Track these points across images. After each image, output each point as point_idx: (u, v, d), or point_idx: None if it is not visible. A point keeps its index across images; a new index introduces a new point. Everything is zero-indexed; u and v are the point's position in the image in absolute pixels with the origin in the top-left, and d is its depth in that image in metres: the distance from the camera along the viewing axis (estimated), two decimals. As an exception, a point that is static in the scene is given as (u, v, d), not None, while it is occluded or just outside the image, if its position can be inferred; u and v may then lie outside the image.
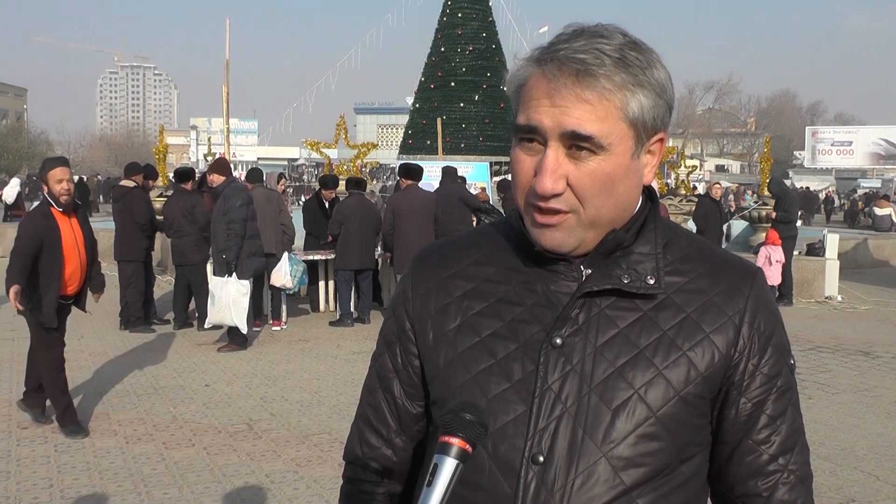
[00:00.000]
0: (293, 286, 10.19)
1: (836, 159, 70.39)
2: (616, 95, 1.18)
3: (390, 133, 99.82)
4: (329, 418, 6.61)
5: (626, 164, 1.21)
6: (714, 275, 1.30)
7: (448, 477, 1.08)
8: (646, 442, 1.21)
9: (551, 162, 1.18)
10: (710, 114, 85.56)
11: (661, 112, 1.23)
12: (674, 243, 1.32)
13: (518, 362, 1.26)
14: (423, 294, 1.39)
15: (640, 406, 1.22)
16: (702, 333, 1.26)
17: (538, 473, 1.21)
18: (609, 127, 1.18)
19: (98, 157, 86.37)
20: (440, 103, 26.33)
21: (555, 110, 1.17)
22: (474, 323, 1.32)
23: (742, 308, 1.28)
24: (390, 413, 1.43)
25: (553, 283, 1.29)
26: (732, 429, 1.30)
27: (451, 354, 1.32)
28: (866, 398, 7.48)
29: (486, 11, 28.17)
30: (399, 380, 1.42)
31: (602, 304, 1.27)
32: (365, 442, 1.46)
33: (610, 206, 1.22)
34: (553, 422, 1.22)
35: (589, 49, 1.17)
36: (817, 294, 13.45)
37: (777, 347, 1.30)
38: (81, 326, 10.30)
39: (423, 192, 10.44)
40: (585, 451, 1.21)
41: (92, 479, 5.22)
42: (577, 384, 1.23)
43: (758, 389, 1.28)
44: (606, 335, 1.25)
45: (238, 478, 5.31)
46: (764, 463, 1.29)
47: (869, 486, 5.33)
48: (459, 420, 1.12)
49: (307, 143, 21.28)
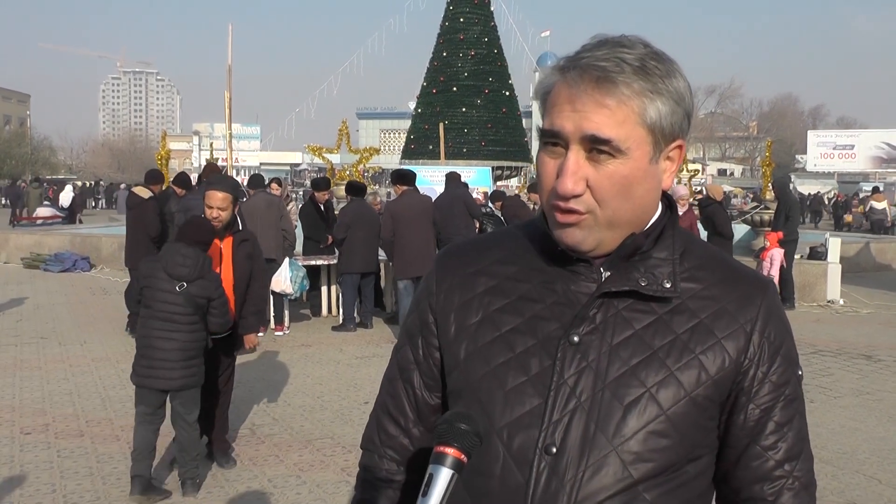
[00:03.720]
0: (294, 292, 10.19)
1: (838, 163, 70.34)
2: (634, 101, 1.22)
3: (393, 138, 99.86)
4: (331, 423, 6.62)
5: (644, 167, 1.26)
6: (728, 283, 1.34)
7: (443, 487, 1.10)
8: (655, 438, 1.25)
9: (571, 164, 1.23)
10: (713, 118, 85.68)
11: (679, 119, 1.28)
12: (690, 252, 1.37)
13: (536, 357, 1.31)
14: (446, 289, 1.44)
15: (651, 404, 1.26)
16: (714, 339, 1.30)
17: (550, 463, 1.25)
18: (627, 131, 1.22)
19: (101, 163, 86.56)
20: (442, 108, 26.38)
21: (575, 115, 1.22)
22: (495, 318, 1.36)
23: (754, 317, 1.32)
24: (409, 403, 1.49)
25: (573, 284, 1.33)
26: (740, 433, 1.33)
27: (472, 347, 1.36)
28: (868, 402, 7.48)
29: (488, 16, 28.24)
30: (419, 371, 1.47)
31: (619, 306, 1.31)
32: (383, 430, 1.51)
33: (628, 207, 1.27)
34: (567, 415, 1.26)
35: (610, 57, 1.22)
36: (819, 298, 13.43)
37: (786, 357, 1.34)
38: (84, 332, 10.34)
39: (422, 197, 10.45)
40: (596, 445, 1.25)
41: (95, 485, 5.23)
42: (591, 380, 1.27)
43: (766, 396, 1.32)
44: (622, 335, 1.29)
45: (240, 482, 5.32)
46: (770, 468, 1.33)
47: (871, 490, 5.33)
48: (454, 430, 1.13)
49: (310, 149, 21.33)
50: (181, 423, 5.04)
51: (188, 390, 5.01)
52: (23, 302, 12.66)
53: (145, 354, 4.93)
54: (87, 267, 16.75)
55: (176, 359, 4.91)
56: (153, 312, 4.93)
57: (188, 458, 5.09)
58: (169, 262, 4.95)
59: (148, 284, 4.97)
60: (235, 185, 6.08)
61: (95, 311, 11.96)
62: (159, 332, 4.89)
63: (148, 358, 4.91)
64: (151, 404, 4.95)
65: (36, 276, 16.09)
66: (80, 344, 9.58)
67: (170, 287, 4.92)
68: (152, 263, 5.04)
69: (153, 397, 4.94)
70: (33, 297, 13.16)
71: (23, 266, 17.19)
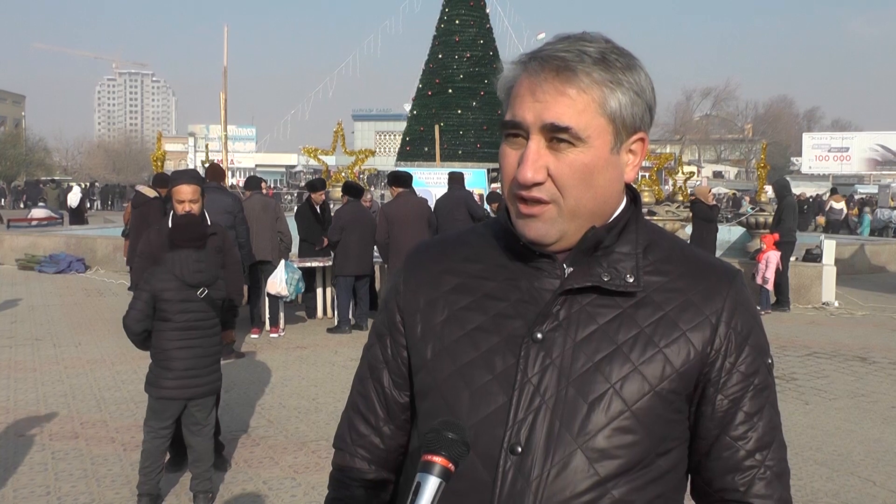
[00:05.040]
0: (289, 294, 10.17)
1: (832, 165, 70.51)
2: (595, 90, 1.24)
3: (388, 140, 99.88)
4: (327, 425, 6.61)
5: (604, 157, 1.27)
6: (693, 275, 1.35)
7: (431, 495, 1.10)
8: (620, 435, 1.25)
9: (532, 153, 1.24)
10: (708, 120, 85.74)
11: (641, 111, 1.29)
12: (656, 245, 1.37)
13: (500, 355, 1.30)
14: (413, 288, 1.45)
15: (616, 400, 1.25)
16: (678, 331, 1.30)
17: (516, 463, 1.25)
18: (587, 120, 1.24)
19: (96, 164, 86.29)
20: (438, 110, 26.39)
21: (537, 105, 1.24)
22: (460, 316, 1.36)
23: (720, 308, 1.32)
24: (379, 402, 1.49)
25: (536, 280, 1.33)
26: (710, 424, 1.33)
27: (438, 346, 1.37)
28: (863, 403, 7.49)
29: (484, 18, 28.25)
30: (388, 370, 1.48)
31: (583, 301, 1.31)
32: (354, 429, 1.53)
33: (589, 197, 1.27)
34: (531, 413, 1.26)
35: (571, 49, 1.24)
36: (814, 300, 13.46)
37: (754, 347, 1.34)
38: (79, 334, 10.32)
39: (417, 199, 10.44)
40: (562, 443, 1.25)
41: (89, 487, 5.22)
42: (555, 378, 1.27)
43: (735, 387, 1.32)
44: (586, 331, 1.29)
45: (236, 484, 5.31)
46: (741, 458, 1.33)
47: (865, 492, 5.33)
48: (442, 439, 1.14)
49: (305, 150, 21.28)
50: (200, 432, 4.89)
51: (210, 396, 4.93)
52: (17, 303, 12.62)
53: (168, 367, 4.73)
54: (82, 268, 16.72)
55: (202, 365, 4.80)
56: (173, 324, 4.74)
57: (202, 468, 4.92)
58: (185, 272, 4.77)
59: (164, 298, 4.75)
60: (199, 176, 6.00)
61: (90, 313, 11.94)
62: (180, 342, 4.74)
63: (172, 370, 4.73)
64: (170, 417, 4.80)
65: (31, 277, 16.05)
66: (75, 346, 9.56)
67: (188, 296, 4.77)
68: (163, 275, 4.79)
69: (174, 409, 4.80)
70: (28, 299, 13.13)
71: (17, 267, 17.14)
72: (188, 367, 4.76)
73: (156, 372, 4.79)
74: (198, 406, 4.86)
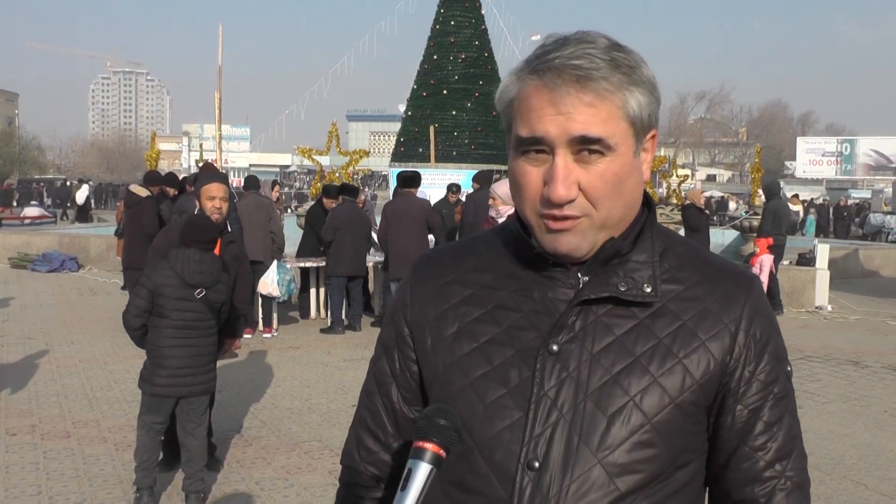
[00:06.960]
0: (280, 294, 10.15)
1: (826, 170, 70.73)
2: (616, 96, 1.19)
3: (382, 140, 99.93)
4: (319, 426, 6.60)
5: (630, 162, 1.22)
6: (710, 282, 1.30)
7: (422, 481, 1.09)
8: (641, 449, 1.21)
9: (561, 169, 1.19)
10: (702, 123, 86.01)
11: (654, 109, 1.25)
12: (671, 251, 1.33)
13: (515, 368, 1.26)
14: (420, 300, 1.39)
15: (636, 413, 1.22)
16: (697, 341, 1.26)
17: (533, 479, 1.21)
18: (613, 127, 1.19)
19: (90, 163, 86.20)
20: (432, 111, 26.35)
21: (560, 118, 1.17)
22: (472, 329, 1.32)
23: (738, 316, 1.28)
24: (388, 417, 1.44)
25: (550, 290, 1.29)
26: (729, 435, 1.29)
27: (450, 360, 1.32)
28: (856, 407, 7.51)
29: (479, 20, 28.21)
30: (397, 384, 1.43)
31: (599, 312, 1.27)
32: (362, 446, 1.46)
33: (620, 205, 1.23)
34: (549, 428, 1.22)
35: (581, 55, 1.18)
36: (808, 304, 13.48)
37: (773, 355, 1.30)
38: (72, 333, 10.29)
39: (418, 200, 10.43)
40: (580, 458, 1.21)
41: (81, 486, 5.20)
42: (573, 391, 1.23)
43: (754, 396, 1.28)
44: (603, 342, 1.25)
45: (228, 485, 5.30)
46: (761, 469, 1.29)
47: (858, 496, 5.34)
48: (433, 425, 1.13)
49: (299, 150, 21.24)
50: (194, 432, 4.89)
51: (204, 396, 4.92)
52: (9, 302, 12.58)
53: (162, 364, 4.75)
54: (74, 267, 16.67)
55: (196, 364, 4.80)
56: (169, 322, 4.76)
57: (195, 468, 4.91)
58: (185, 270, 4.77)
59: (163, 294, 4.77)
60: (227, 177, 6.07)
61: (83, 312, 11.90)
62: (176, 340, 4.75)
63: (165, 367, 4.74)
64: (164, 413, 4.81)
65: (23, 276, 16.00)
66: (68, 345, 9.53)
67: (186, 294, 4.77)
68: (164, 272, 4.81)
69: (167, 406, 4.81)
70: (20, 298, 13.08)
71: (10, 266, 17.09)
72: (182, 366, 4.76)
73: (150, 368, 4.81)
74: (192, 405, 4.85)
